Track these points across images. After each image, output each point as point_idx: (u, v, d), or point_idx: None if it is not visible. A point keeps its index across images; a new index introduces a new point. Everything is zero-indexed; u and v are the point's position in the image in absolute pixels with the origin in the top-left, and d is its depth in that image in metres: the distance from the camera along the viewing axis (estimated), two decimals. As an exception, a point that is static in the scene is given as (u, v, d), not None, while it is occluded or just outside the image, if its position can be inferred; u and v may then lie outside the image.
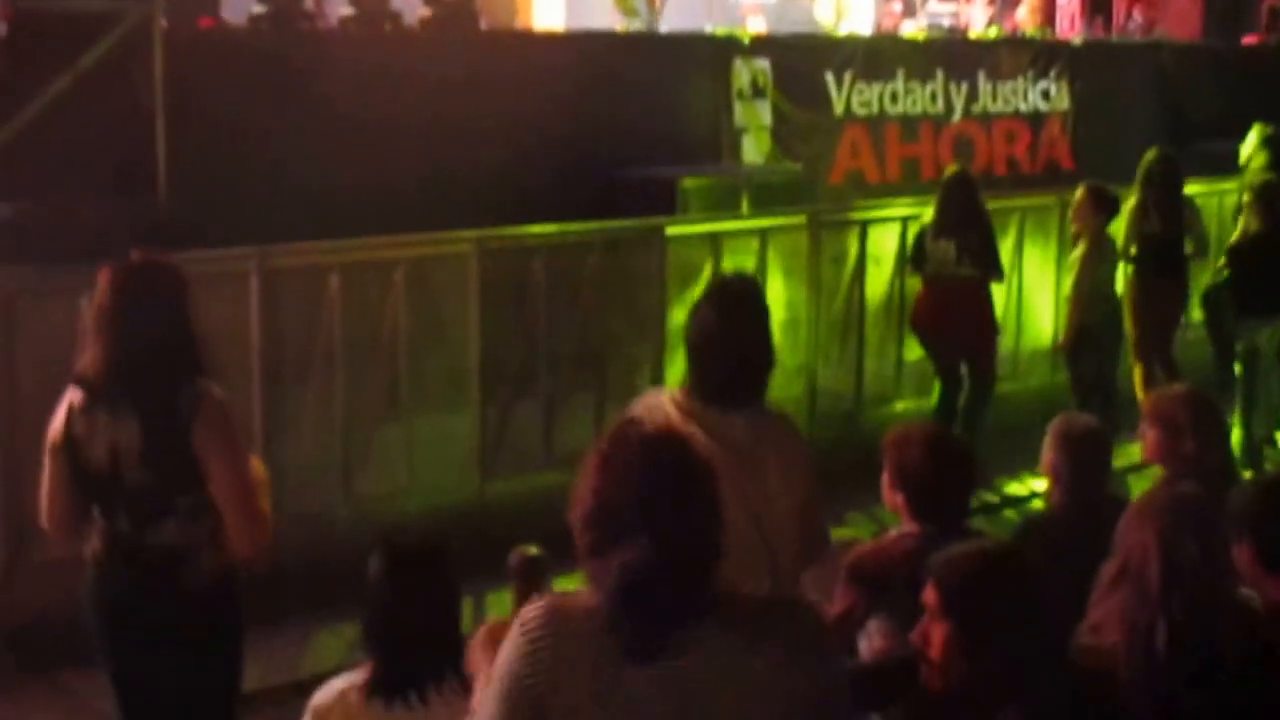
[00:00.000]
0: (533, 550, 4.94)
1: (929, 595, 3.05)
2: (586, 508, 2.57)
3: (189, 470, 4.05)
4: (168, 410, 4.03)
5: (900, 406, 9.23)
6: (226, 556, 4.15)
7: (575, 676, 2.54)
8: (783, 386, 8.57)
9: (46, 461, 4.17)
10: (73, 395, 4.10)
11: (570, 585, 2.86)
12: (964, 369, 8.93)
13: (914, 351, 9.34)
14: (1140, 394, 9.53)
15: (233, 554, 4.15)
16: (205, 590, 4.13)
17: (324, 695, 3.40)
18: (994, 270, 8.85)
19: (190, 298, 4.21)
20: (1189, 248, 9.49)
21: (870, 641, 4.33)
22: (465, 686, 3.34)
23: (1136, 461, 8.52)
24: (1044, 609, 3.02)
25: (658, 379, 7.80)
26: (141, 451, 4.01)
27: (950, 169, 9.46)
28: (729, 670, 2.55)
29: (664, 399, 4.35)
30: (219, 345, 4.49)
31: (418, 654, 3.35)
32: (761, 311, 4.48)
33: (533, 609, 2.61)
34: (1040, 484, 7.46)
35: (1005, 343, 9.65)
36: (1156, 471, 5.06)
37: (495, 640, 2.74)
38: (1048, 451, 4.82)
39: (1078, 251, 9.22)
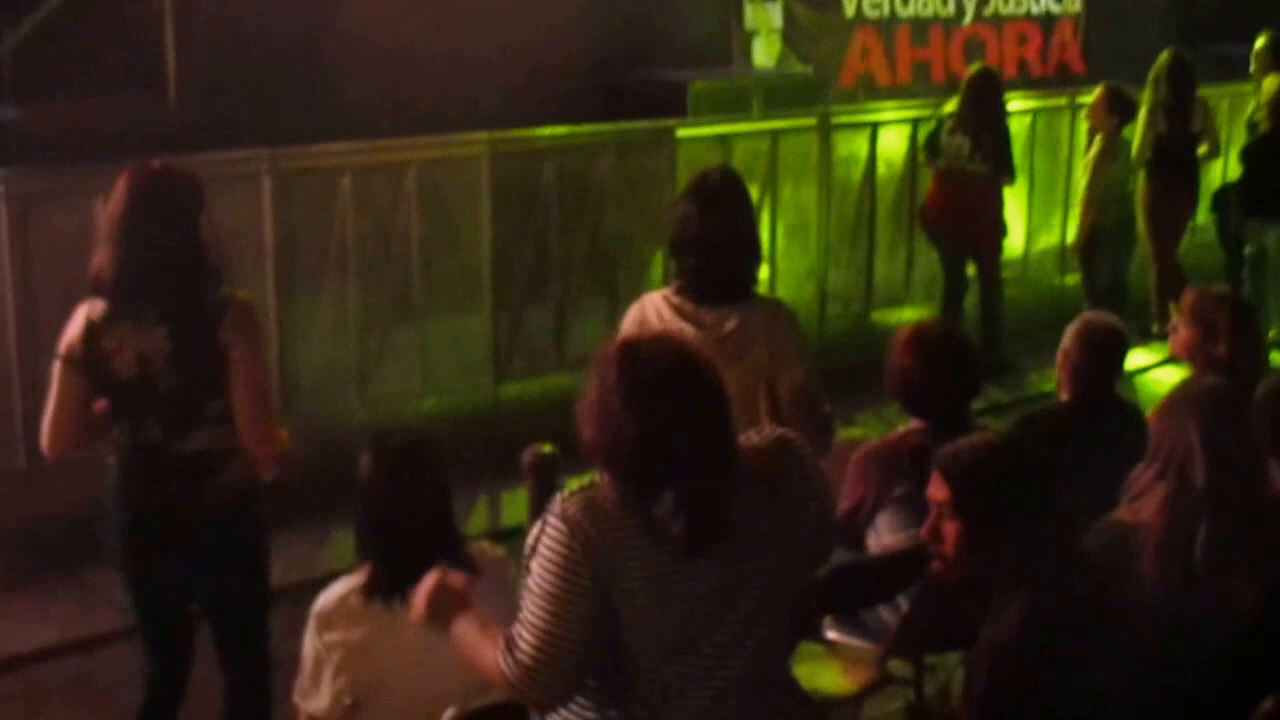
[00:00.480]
0: (546, 448, 4.99)
1: (936, 489, 3.08)
2: (610, 441, 2.64)
3: (218, 375, 4.02)
4: (195, 315, 4.00)
5: (910, 310, 9.24)
6: (250, 464, 4.15)
7: (631, 565, 2.64)
8: (792, 289, 8.62)
9: (58, 374, 4.05)
10: (90, 307, 4.02)
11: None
12: (970, 268, 8.96)
13: (924, 254, 9.35)
14: (1153, 297, 9.56)
15: (254, 461, 4.16)
16: (230, 499, 4.13)
17: (325, 600, 3.44)
18: (1006, 170, 8.84)
19: (206, 204, 4.18)
20: (1202, 150, 9.46)
21: (878, 536, 4.38)
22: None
23: (1142, 365, 8.64)
24: (1048, 498, 3.06)
25: (669, 281, 7.81)
26: (171, 357, 3.96)
27: (975, 66, 9.42)
28: (763, 526, 2.72)
29: (657, 299, 4.42)
30: (231, 248, 4.47)
31: (412, 551, 3.34)
32: (744, 204, 4.52)
33: (574, 506, 2.66)
34: (1049, 384, 7.52)
35: (1015, 246, 9.65)
36: (1163, 374, 5.11)
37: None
38: (1066, 340, 4.84)
39: (1092, 152, 9.20)
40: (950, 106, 8.89)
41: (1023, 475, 3.07)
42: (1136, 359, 8.78)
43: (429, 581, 3.00)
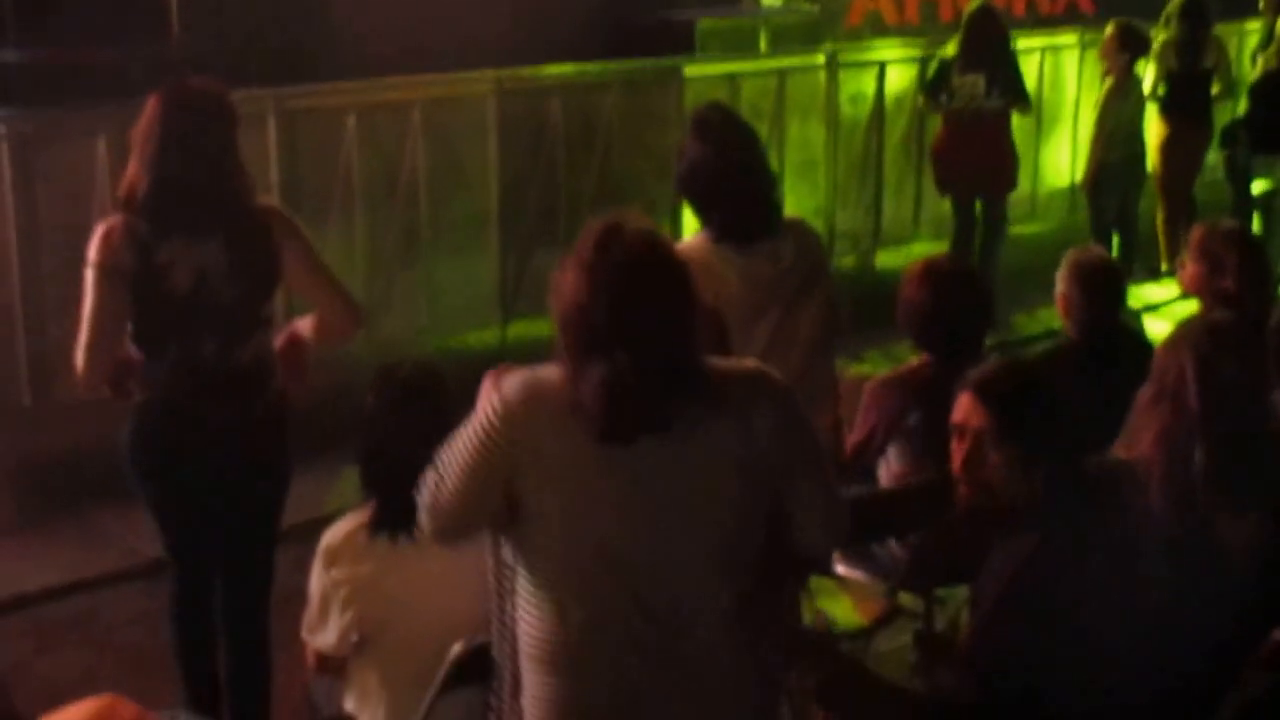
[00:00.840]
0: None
1: (970, 416, 3.02)
2: (566, 308, 2.64)
3: (269, 282, 4.08)
4: (248, 223, 4.00)
5: (918, 248, 9.19)
6: (281, 376, 4.20)
7: (551, 448, 2.63)
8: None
9: (98, 290, 3.95)
10: (132, 223, 3.94)
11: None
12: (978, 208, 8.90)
13: (932, 193, 9.29)
14: (1161, 235, 9.51)
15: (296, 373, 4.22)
16: (274, 410, 4.18)
17: (332, 536, 3.42)
18: (1024, 101, 8.77)
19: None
20: (1216, 88, 9.39)
21: (889, 467, 4.38)
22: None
23: (1153, 302, 8.61)
24: (1073, 426, 3.03)
25: (675, 219, 7.78)
26: (230, 267, 3.95)
27: (973, 3, 9.33)
28: (699, 437, 2.64)
29: (702, 247, 4.28)
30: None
31: (414, 488, 3.33)
32: (751, 134, 4.47)
33: (513, 381, 2.68)
34: (1059, 323, 7.49)
35: (1024, 183, 9.59)
36: (1173, 310, 5.09)
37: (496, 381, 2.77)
38: (1060, 284, 4.83)
39: (1103, 89, 9.14)
40: (950, 49, 8.78)
41: (1058, 398, 3.03)
42: (1146, 296, 8.78)
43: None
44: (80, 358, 4.01)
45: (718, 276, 4.11)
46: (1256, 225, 9.09)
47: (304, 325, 4.33)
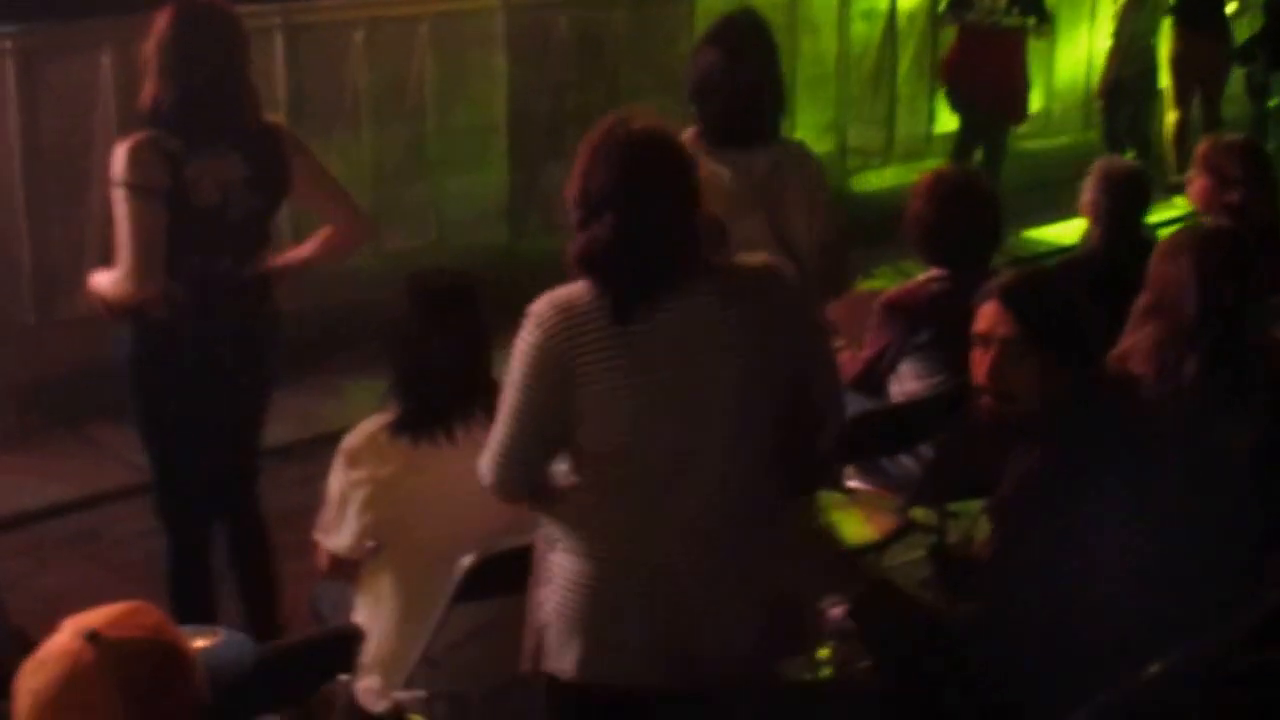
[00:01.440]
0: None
1: (996, 324, 2.97)
2: (573, 190, 2.78)
3: (280, 197, 4.12)
4: (260, 136, 4.02)
5: (931, 163, 9.11)
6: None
7: (585, 343, 2.70)
8: (813, 143, 8.43)
9: (137, 209, 3.88)
10: (160, 138, 3.90)
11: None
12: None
13: (946, 108, 9.20)
14: (1170, 148, 9.44)
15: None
16: (272, 322, 4.20)
17: (354, 438, 3.41)
18: (1045, 16, 8.67)
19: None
20: (1231, 7, 9.30)
21: (900, 383, 4.35)
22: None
23: (1165, 217, 8.54)
24: (1096, 335, 3.00)
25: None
26: (248, 182, 3.97)
27: None
28: (710, 325, 2.73)
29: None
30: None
31: (445, 391, 3.33)
32: (770, 48, 4.44)
33: (539, 302, 2.76)
34: (1070, 238, 7.44)
35: (1037, 98, 9.51)
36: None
37: None
38: (1088, 191, 4.80)
39: (1120, 1, 9.04)
40: None
41: (1082, 305, 3.00)
42: (1157, 212, 8.71)
43: None
44: (131, 283, 3.95)
45: (708, 174, 4.10)
46: (1276, 142, 9.02)
47: (302, 250, 4.34)
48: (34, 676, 1.91)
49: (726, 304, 2.75)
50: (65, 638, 1.94)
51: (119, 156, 3.92)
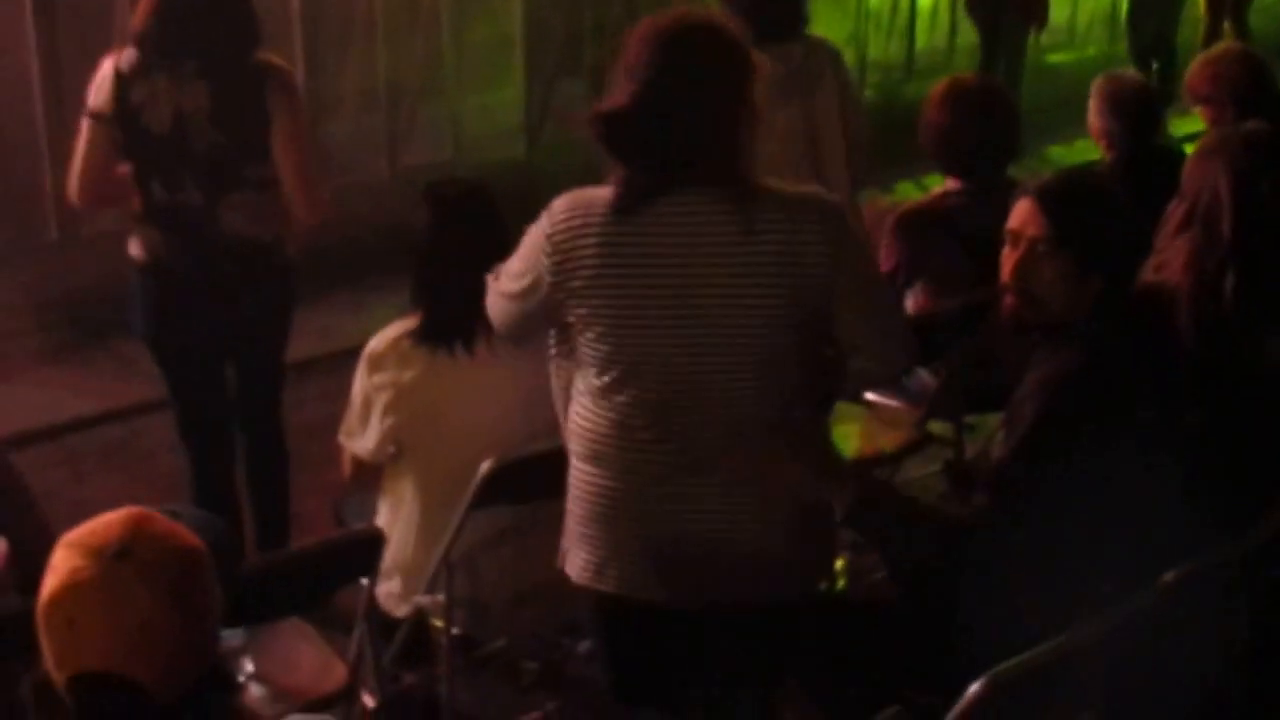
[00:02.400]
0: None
1: (1026, 224, 2.89)
2: (620, 65, 2.62)
3: (259, 138, 3.91)
4: (238, 73, 3.88)
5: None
6: (284, 233, 4.08)
7: (596, 254, 2.61)
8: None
9: (85, 129, 3.93)
10: (120, 59, 3.87)
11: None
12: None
13: (967, 21, 9.11)
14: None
15: (291, 228, 4.08)
16: (270, 266, 4.07)
17: (378, 341, 3.42)
18: None
19: None
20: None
21: (916, 298, 4.33)
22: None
23: (1194, 131, 8.45)
24: (1135, 236, 2.94)
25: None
26: (210, 114, 3.84)
27: None
28: (722, 247, 2.59)
29: None
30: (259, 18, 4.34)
31: (464, 300, 3.30)
32: None
33: (560, 199, 2.68)
34: (1095, 154, 7.38)
35: (1063, 9, 9.40)
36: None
37: None
38: (1092, 115, 4.71)
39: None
40: None
41: (1119, 211, 2.90)
42: (1184, 124, 8.62)
43: None
44: (71, 184, 4.02)
45: None
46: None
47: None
48: (68, 604, 1.89)
49: (751, 233, 2.58)
50: (82, 560, 1.90)
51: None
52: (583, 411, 2.78)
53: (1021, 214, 2.90)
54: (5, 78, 6.29)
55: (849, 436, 4.17)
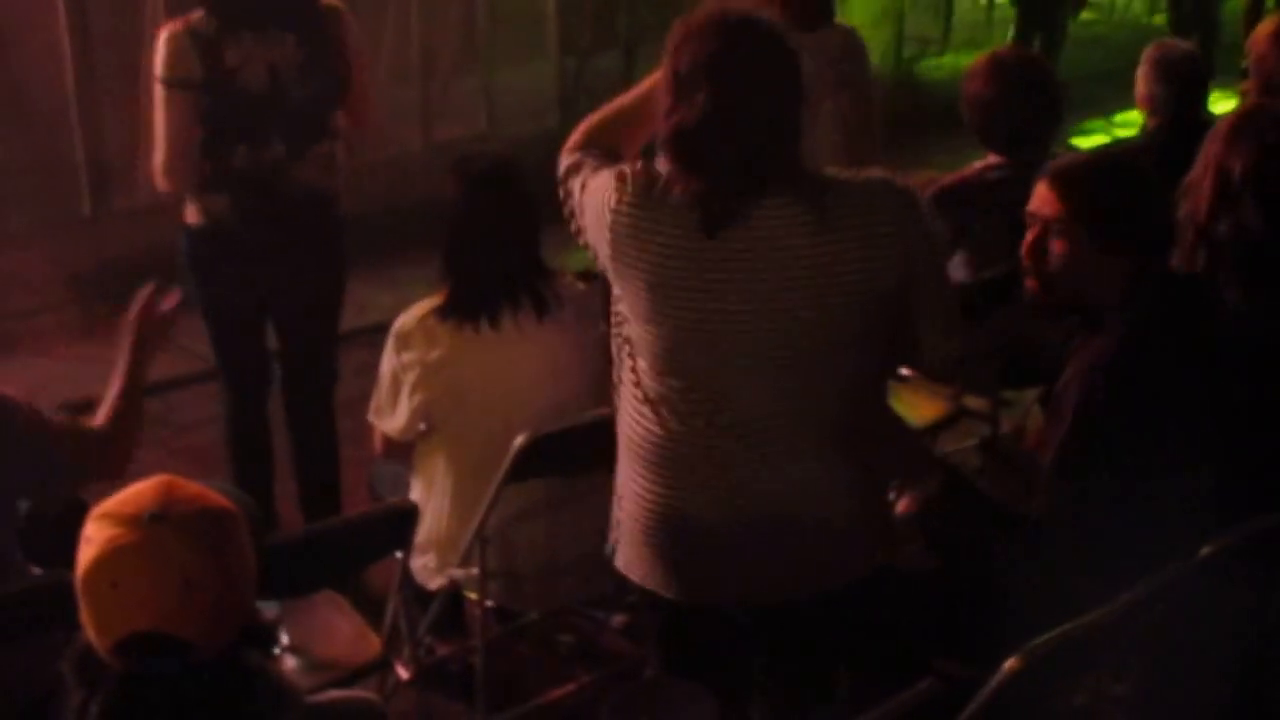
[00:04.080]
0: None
1: (1043, 204, 2.86)
2: (664, 76, 2.52)
3: (338, 85, 3.95)
4: (315, 22, 3.90)
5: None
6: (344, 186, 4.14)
7: (653, 240, 2.51)
8: (868, 32, 8.36)
9: (167, 100, 3.83)
10: (191, 23, 3.82)
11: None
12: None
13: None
14: (1244, 31, 9.26)
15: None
16: (331, 219, 4.12)
17: (405, 319, 3.42)
18: None
19: None
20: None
21: (954, 271, 4.30)
22: (548, 310, 3.36)
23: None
24: (1160, 218, 2.91)
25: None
26: (301, 65, 3.85)
27: None
28: (795, 250, 2.50)
29: None
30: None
31: (494, 273, 3.33)
32: None
33: (625, 178, 2.54)
34: (1132, 129, 7.33)
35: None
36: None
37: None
38: (1140, 81, 4.69)
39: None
40: None
41: (1140, 189, 2.87)
42: (1225, 100, 8.55)
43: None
44: (163, 177, 3.93)
45: None
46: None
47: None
48: (110, 569, 1.91)
49: (826, 228, 2.49)
50: (118, 527, 1.92)
51: (157, 49, 3.86)
52: (638, 418, 2.67)
53: (1037, 195, 2.88)
54: (36, 52, 6.30)
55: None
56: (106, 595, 1.92)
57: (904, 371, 4.36)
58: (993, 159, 4.32)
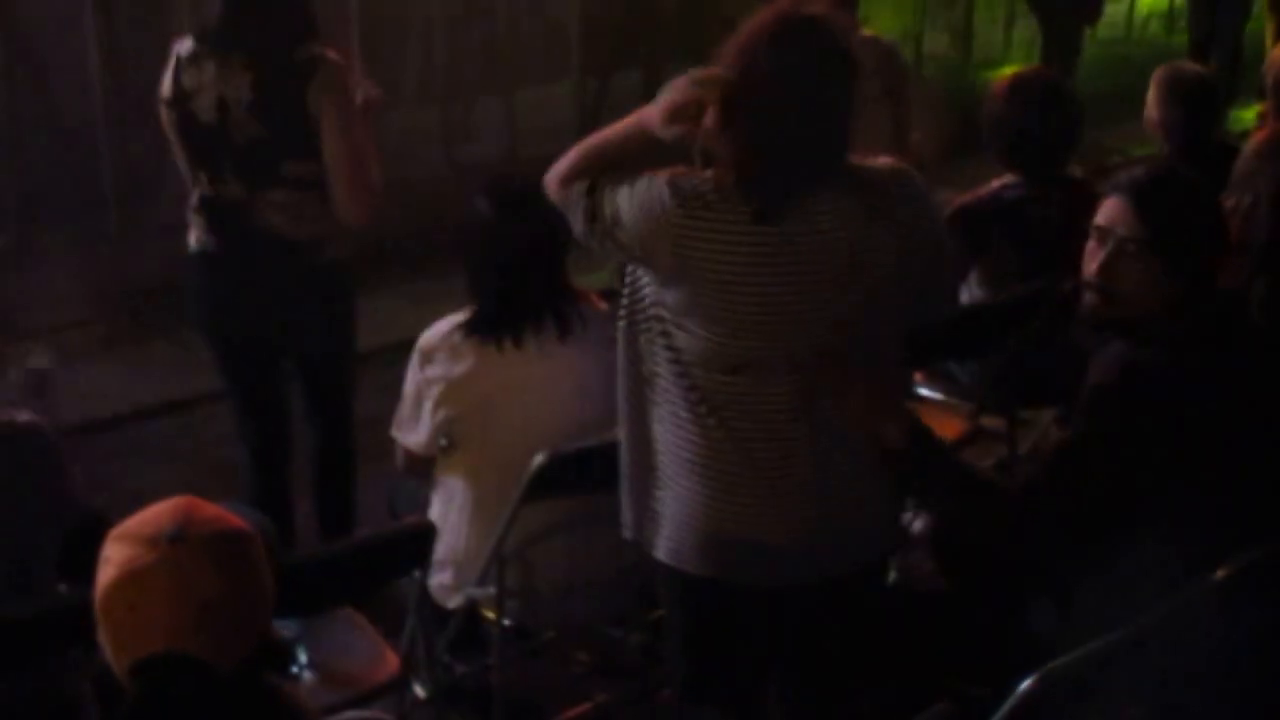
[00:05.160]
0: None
1: (1114, 218, 2.83)
2: (730, 81, 2.60)
3: (300, 133, 3.87)
4: (281, 65, 3.86)
5: (1009, 71, 8.98)
6: (330, 235, 4.02)
7: (702, 248, 2.62)
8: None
9: (162, 116, 3.98)
10: (181, 46, 3.92)
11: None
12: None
13: (1025, 14, 9.06)
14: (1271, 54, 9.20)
15: (339, 230, 4.02)
16: (312, 267, 4.02)
17: (430, 335, 3.44)
18: None
19: None
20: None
21: (971, 291, 4.31)
22: (572, 330, 3.39)
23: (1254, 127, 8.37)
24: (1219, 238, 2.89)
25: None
26: (250, 105, 3.83)
27: None
28: (849, 233, 2.63)
29: None
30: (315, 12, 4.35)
31: (519, 292, 3.35)
32: None
33: (685, 173, 2.65)
34: (1146, 147, 7.31)
35: (1119, 2, 9.33)
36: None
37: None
38: (1151, 106, 4.68)
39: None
40: None
41: (1215, 213, 2.87)
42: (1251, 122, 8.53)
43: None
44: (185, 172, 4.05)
45: None
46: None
47: None
48: (129, 590, 1.93)
49: (872, 217, 2.65)
50: (137, 548, 1.94)
51: None
52: (689, 423, 2.77)
53: (1112, 211, 2.84)
54: (65, 70, 6.36)
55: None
56: (124, 617, 1.93)
57: (923, 392, 4.42)
58: (1010, 178, 4.34)
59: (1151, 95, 4.69)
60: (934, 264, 2.81)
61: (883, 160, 2.77)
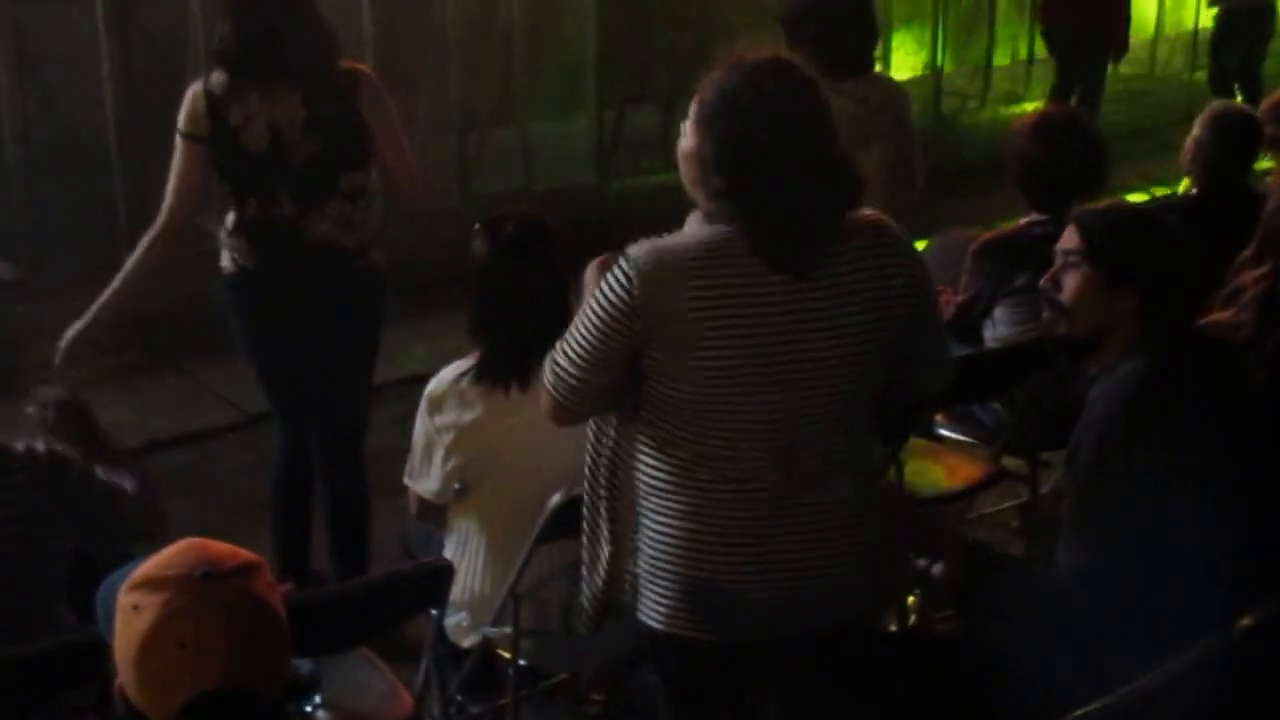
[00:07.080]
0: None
1: (1067, 239, 2.97)
2: (712, 154, 2.56)
3: (354, 146, 3.98)
4: (326, 83, 3.93)
5: (1030, 106, 8.98)
6: (373, 241, 4.13)
7: (684, 311, 2.55)
8: (908, 84, 8.38)
9: (181, 150, 3.99)
10: (209, 81, 3.93)
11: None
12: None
13: (1044, 50, 9.05)
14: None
15: (380, 238, 4.14)
16: (357, 270, 4.10)
17: (437, 383, 3.40)
18: None
19: None
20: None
21: (995, 329, 4.28)
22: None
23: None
24: (1181, 268, 2.92)
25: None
26: (305, 123, 3.89)
27: None
28: (849, 284, 2.59)
29: None
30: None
31: (524, 334, 3.29)
32: None
33: (641, 252, 2.56)
34: (1169, 185, 7.29)
35: (1143, 35, 9.32)
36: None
37: (606, 267, 2.69)
38: (1197, 129, 4.67)
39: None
40: None
41: (1158, 235, 2.92)
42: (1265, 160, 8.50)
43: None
44: (166, 207, 4.08)
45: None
46: None
47: None
48: (175, 630, 1.90)
49: (879, 265, 2.61)
50: (167, 592, 1.91)
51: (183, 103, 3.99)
52: (660, 468, 2.70)
53: (1067, 233, 3.00)
54: (79, 102, 6.35)
55: (922, 472, 4.11)
56: (174, 656, 1.89)
57: (943, 432, 4.37)
58: (1036, 215, 4.31)
59: (1198, 120, 4.70)
60: (924, 316, 2.74)
61: (871, 212, 2.70)
